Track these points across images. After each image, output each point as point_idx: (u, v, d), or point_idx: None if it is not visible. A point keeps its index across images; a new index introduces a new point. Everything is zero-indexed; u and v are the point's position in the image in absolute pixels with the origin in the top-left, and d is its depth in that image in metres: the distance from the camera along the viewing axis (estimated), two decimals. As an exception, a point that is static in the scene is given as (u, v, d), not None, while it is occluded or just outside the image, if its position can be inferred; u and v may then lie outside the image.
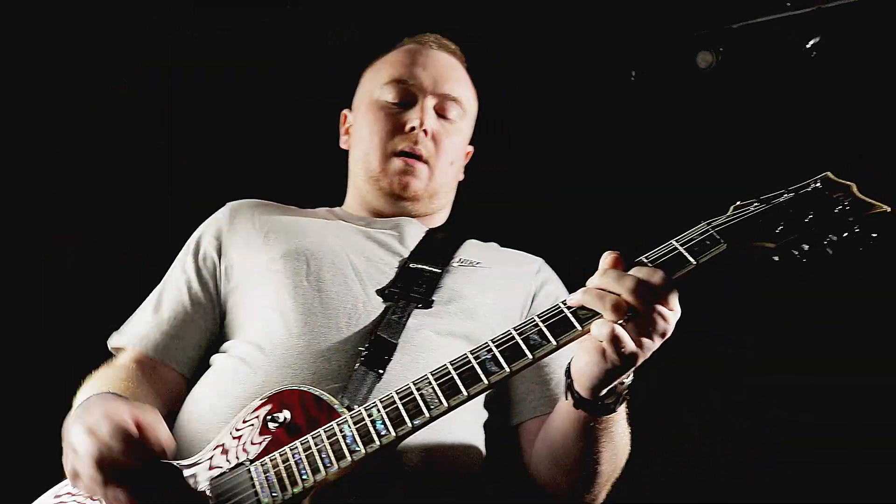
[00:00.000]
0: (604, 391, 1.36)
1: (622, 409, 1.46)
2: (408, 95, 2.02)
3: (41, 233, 2.85)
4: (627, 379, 1.38)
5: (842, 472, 2.69)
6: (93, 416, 1.34)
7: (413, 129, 1.97)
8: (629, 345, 1.25)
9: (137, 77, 3.00)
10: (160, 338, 1.81)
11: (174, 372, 1.80)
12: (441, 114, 2.04)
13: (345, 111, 2.23)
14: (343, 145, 2.21)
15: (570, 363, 1.42)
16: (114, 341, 1.86)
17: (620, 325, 1.25)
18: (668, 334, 1.30)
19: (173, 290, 1.89)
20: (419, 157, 1.99)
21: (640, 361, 1.30)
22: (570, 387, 1.41)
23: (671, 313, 1.28)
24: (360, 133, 2.08)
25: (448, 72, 2.07)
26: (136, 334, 1.83)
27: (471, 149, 2.25)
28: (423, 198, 2.05)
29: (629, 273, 1.27)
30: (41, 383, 2.39)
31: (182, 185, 2.94)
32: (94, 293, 2.75)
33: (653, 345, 1.29)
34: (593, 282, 1.30)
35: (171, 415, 1.69)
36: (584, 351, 1.33)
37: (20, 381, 2.66)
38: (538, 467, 1.69)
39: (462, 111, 2.08)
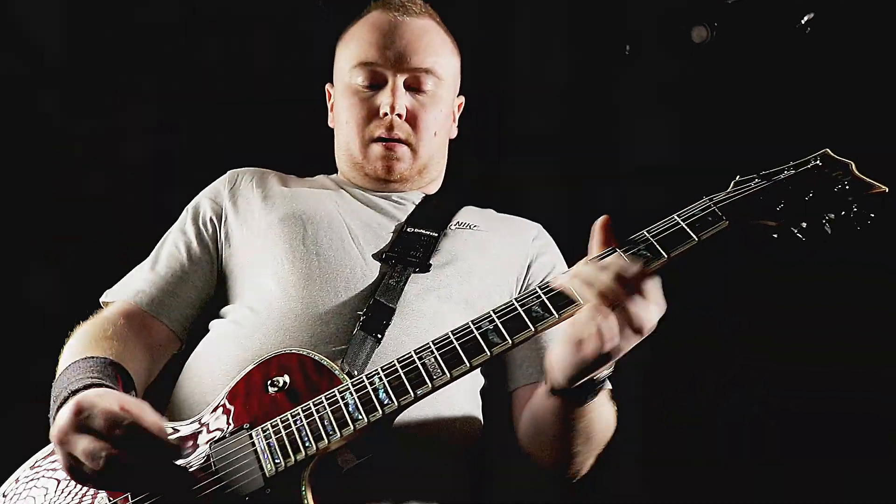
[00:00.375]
0: (578, 383, 1.34)
1: (603, 394, 1.43)
2: (377, 77, 1.94)
3: (41, 233, 2.85)
4: (606, 371, 1.36)
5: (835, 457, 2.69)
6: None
7: (386, 114, 1.91)
8: (609, 342, 1.22)
9: (137, 77, 3.00)
10: (156, 293, 1.80)
11: (166, 328, 1.79)
12: (415, 87, 1.95)
13: (328, 86, 2.17)
14: (330, 124, 2.17)
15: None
16: (107, 296, 1.85)
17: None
18: (649, 328, 1.25)
19: (172, 249, 1.89)
20: (398, 140, 1.94)
21: (615, 358, 1.27)
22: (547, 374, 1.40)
23: (653, 305, 1.24)
24: (339, 119, 2.05)
25: (417, 41, 1.94)
26: (131, 287, 1.83)
27: (461, 99, 2.18)
28: (411, 177, 2.01)
29: (607, 266, 1.25)
30: (41, 383, 2.37)
31: (182, 184, 2.94)
32: (94, 293, 2.74)
33: (634, 338, 1.25)
34: (577, 269, 1.30)
35: (159, 373, 1.75)
36: (557, 342, 1.32)
37: (20, 382, 2.64)
38: (522, 437, 1.70)
39: (437, 79, 1.98)
